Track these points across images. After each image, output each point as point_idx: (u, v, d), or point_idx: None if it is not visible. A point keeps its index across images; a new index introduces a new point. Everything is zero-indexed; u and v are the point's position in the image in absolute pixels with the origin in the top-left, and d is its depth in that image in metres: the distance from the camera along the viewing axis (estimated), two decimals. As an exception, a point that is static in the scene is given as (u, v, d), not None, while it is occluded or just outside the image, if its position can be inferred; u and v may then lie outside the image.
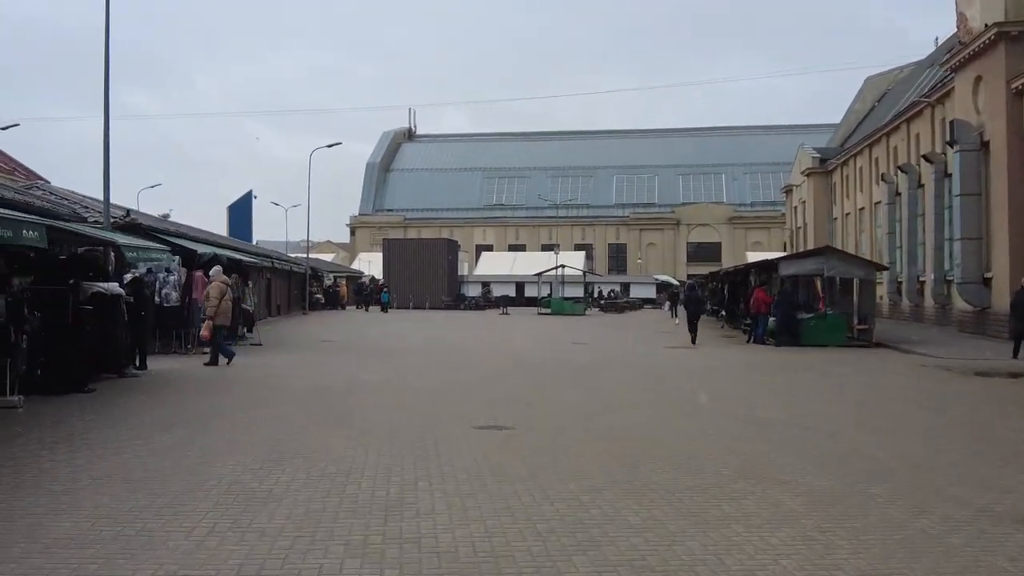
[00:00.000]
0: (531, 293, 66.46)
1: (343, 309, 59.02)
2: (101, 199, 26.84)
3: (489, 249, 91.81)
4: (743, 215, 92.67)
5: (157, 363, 18.72)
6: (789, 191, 69.87)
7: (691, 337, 27.77)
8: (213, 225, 66.28)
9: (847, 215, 54.36)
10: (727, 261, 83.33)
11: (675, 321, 40.52)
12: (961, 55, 31.67)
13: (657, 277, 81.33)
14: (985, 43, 29.25)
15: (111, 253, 16.54)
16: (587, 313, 53.87)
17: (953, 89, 34.61)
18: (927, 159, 36.94)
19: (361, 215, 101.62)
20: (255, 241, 75.45)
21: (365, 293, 61.81)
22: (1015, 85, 27.72)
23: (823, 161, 59.21)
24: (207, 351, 21.74)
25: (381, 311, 54.19)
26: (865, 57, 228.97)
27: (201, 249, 23.16)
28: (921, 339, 27.76)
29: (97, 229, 15.93)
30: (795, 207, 67.13)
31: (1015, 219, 27.80)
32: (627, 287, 76.55)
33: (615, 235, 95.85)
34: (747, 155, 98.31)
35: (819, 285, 28.42)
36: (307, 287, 52.50)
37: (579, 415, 11.92)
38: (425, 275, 63.66)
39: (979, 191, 30.29)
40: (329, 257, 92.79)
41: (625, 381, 16.52)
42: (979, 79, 30.71)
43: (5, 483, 7.67)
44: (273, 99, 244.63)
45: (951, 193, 35.13)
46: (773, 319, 26.78)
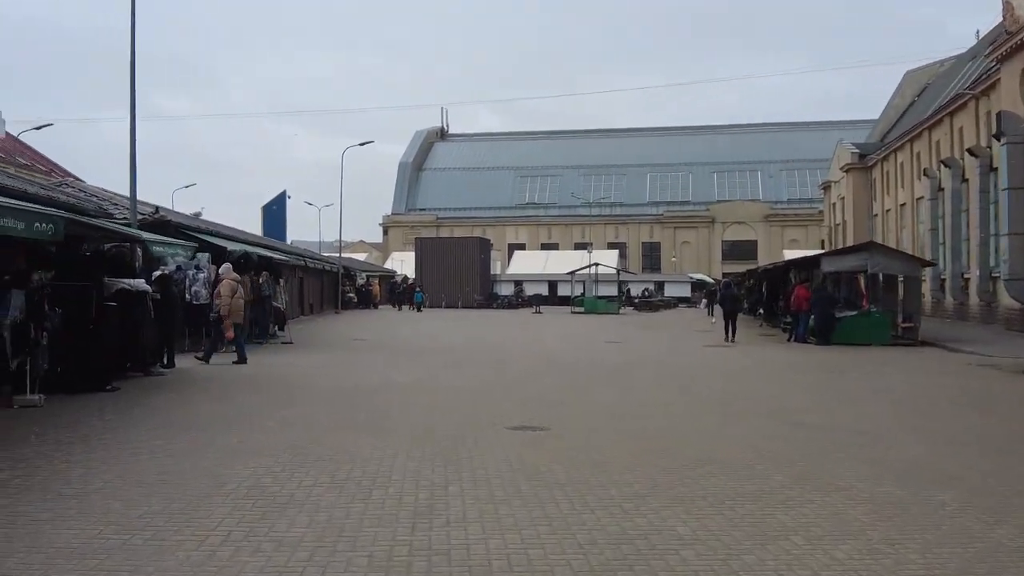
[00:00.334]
0: (564, 292, 65.95)
1: (376, 308, 58.76)
2: (141, 200, 26.76)
3: (521, 248, 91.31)
4: (779, 212, 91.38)
5: (186, 361, 18.42)
6: (827, 187, 68.76)
7: (728, 335, 27.95)
8: (248, 225, 66.55)
9: (887, 211, 53.27)
10: (763, 259, 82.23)
11: (712, 320, 39.77)
12: (1008, 45, 30.70)
13: (692, 276, 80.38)
14: (1034, 32, 28.32)
15: (138, 250, 16.22)
16: (621, 312, 53.18)
17: (999, 80, 33.60)
18: (971, 153, 35.95)
19: (394, 214, 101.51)
20: (290, 241, 75.62)
21: (398, 292, 61.47)
22: (1066, 74, 26.77)
23: (862, 157, 58.10)
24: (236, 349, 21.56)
25: (415, 310, 53.79)
26: (901, 52, 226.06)
27: (231, 247, 22.83)
28: (967, 337, 26.92)
29: (120, 225, 15.62)
30: (833, 204, 66.01)
31: (1066, 213, 26.87)
32: (661, 286, 75.67)
33: (649, 233, 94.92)
34: (783, 152, 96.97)
35: (862, 282, 27.60)
36: (339, 286, 52.28)
37: (615, 416, 11.38)
38: (457, 274, 63.25)
39: (1027, 184, 29.29)
40: (362, 256, 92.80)
41: (662, 381, 15.94)
42: (1027, 69, 29.77)
43: (14, 486, 7.29)
44: (305, 100, 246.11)
45: (997, 187, 34.17)
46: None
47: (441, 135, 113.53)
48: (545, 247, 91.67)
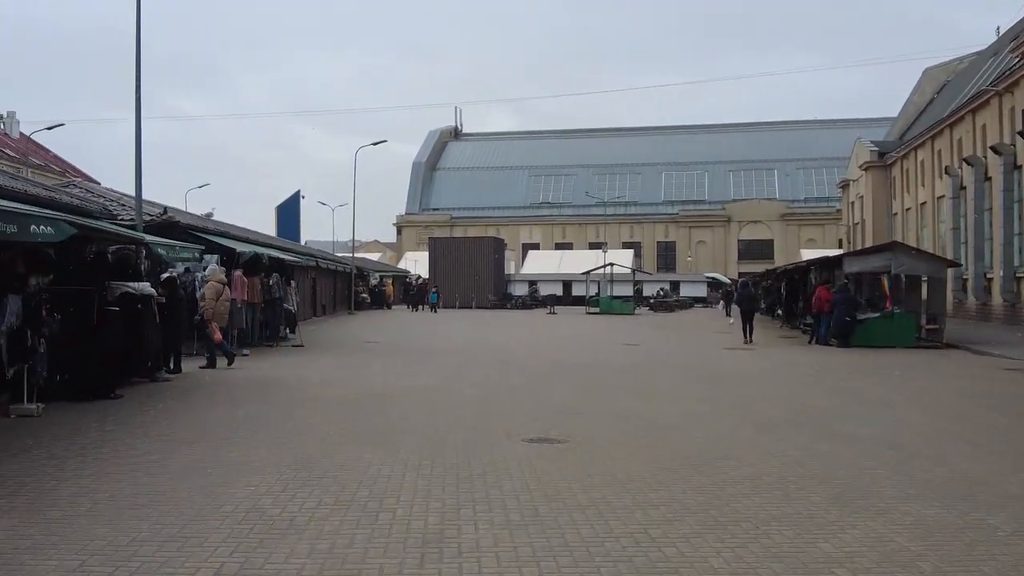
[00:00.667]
0: (578, 292, 65.40)
1: (389, 309, 58.33)
2: (144, 198, 26.33)
3: (535, 248, 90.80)
4: (796, 211, 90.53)
5: (194, 366, 17.98)
6: (845, 186, 67.95)
7: (746, 336, 27.70)
8: (262, 226, 66.28)
9: (908, 210, 52.49)
10: (779, 259, 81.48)
11: (729, 320, 39.15)
12: (1033, 40, 30.02)
13: (708, 275, 79.65)
14: (1062, 26, 27.60)
15: (143, 252, 15.78)
16: (636, 312, 52.57)
17: (1023, 77, 32.92)
18: (995, 150, 35.25)
19: (407, 214, 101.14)
20: (304, 241, 75.37)
21: (413, 292, 60.99)
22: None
23: (882, 155, 57.33)
24: (246, 353, 21.11)
25: (430, 311, 53.24)
26: (915, 50, 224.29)
27: (241, 248, 22.38)
28: (992, 339, 26.27)
29: (121, 226, 15.17)
30: (852, 203, 65.21)
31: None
32: (676, 286, 74.98)
33: (664, 233, 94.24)
34: (799, 150, 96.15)
35: (886, 283, 26.95)
36: (352, 287, 51.85)
37: (638, 427, 10.83)
38: (471, 274, 62.77)
39: (1054, 182, 28.64)
40: (376, 256, 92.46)
41: (684, 387, 15.36)
42: (1054, 64, 29.06)
43: (-3, 508, 6.81)
44: (320, 101, 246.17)
45: (1021, 185, 33.48)
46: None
47: (455, 135, 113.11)
48: (559, 247, 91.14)
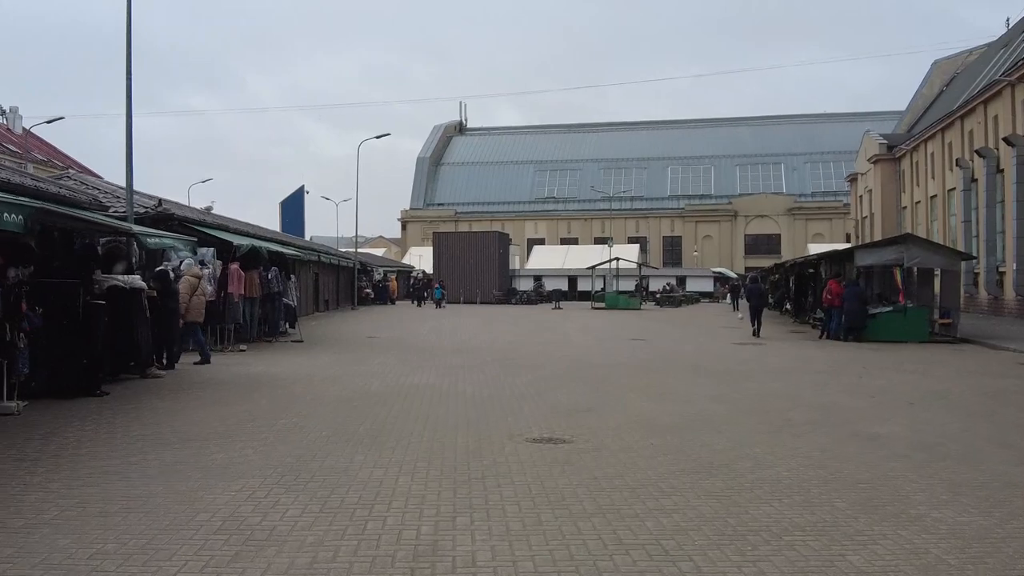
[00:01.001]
0: (584, 287, 64.80)
1: (393, 304, 57.78)
2: (144, 192, 25.92)
3: (541, 243, 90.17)
4: (803, 205, 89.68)
5: (189, 361, 17.47)
6: (854, 179, 67.23)
7: (754, 329, 27.50)
8: (267, 221, 66.08)
9: (917, 203, 51.79)
10: (787, 253, 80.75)
11: (738, 315, 38.55)
12: (1051, 28, 29.32)
13: (714, 270, 78.97)
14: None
15: (134, 244, 15.25)
16: (643, 308, 51.95)
17: (1039, 66, 32.27)
18: (1008, 142, 34.58)
19: (412, 209, 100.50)
20: (309, 237, 74.86)
21: (417, 288, 60.36)
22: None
23: (891, 148, 56.59)
24: (243, 348, 20.61)
25: (436, 306, 52.48)
26: (923, 43, 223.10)
27: (238, 240, 21.83)
28: (1007, 334, 25.66)
29: (109, 217, 14.63)
30: (860, 196, 64.49)
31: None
32: (683, 280, 74.32)
33: (670, 227, 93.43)
34: (807, 144, 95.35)
35: (898, 276, 26.34)
36: (356, 282, 51.28)
37: (647, 427, 10.27)
38: (476, 269, 62.17)
39: (1071, 173, 27.98)
40: (380, 252, 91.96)
41: (695, 384, 14.78)
42: (1071, 52, 28.38)
43: (-45, 516, 6.28)
44: (326, 98, 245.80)
45: (1037, 177, 32.85)
46: (849, 313, 25.00)
47: (460, 129, 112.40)
48: (564, 242, 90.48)
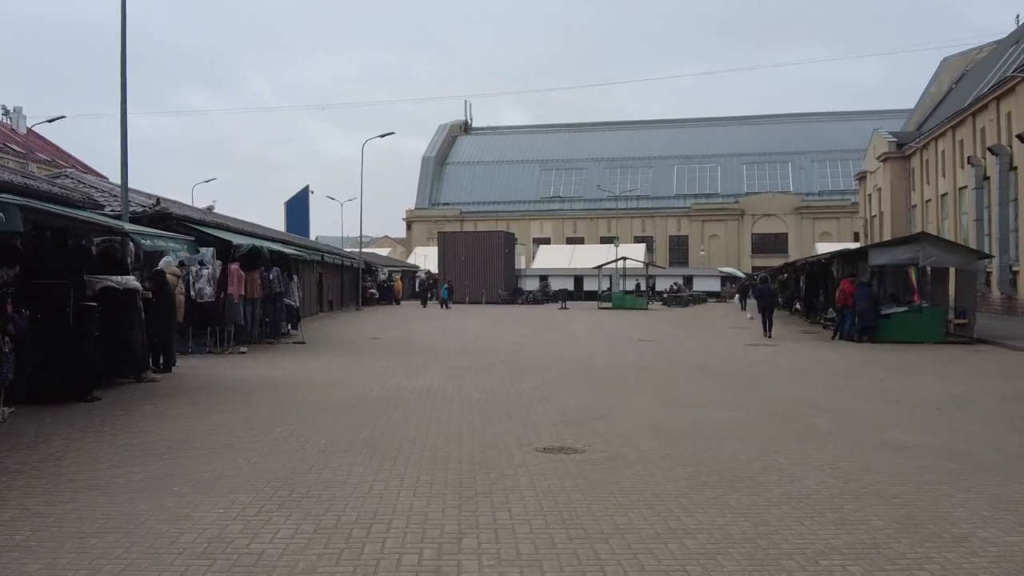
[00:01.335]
0: (590, 287, 64.28)
1: (398, 304, 57.29)
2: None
3: (546, 242, 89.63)
4: (811, 204, 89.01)
5: (187, 364, 17.03)
6: (862, 178, 66.60)
7: (765, 330, 27.15)
8: (272, 222, 65.65)
9: (927, 202, 51.18)
10: (794, 252, 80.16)
11: (747, 315, 37.97)
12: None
13: (722, 270, 78.35)
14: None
15: (129, 244, 14.76)
16: (650, 307, 51.40)
17: (1054, 61, 31.68)
18: (1021, 139, 33.99)
19: (417, 209, 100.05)
20: (314, 237, 74.48)
21: (423, 288, 59.76)
22: None
23: (900, 146, 55.96)
24: (244, 350, 20.14)
25: (442, 307, 51.66)
26: (929, 41, 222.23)
27: (238, 240, 21.35)
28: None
29: (103, 216, 14.15)
30: (869, 195, 63.85)
31: None
32: (690, 280, 73.75)
33: (676, 227, 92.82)
34: (814, 142, 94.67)
35: (913, 276, 25.79)
36: (360, 282, 50.79)
37: (662, 434, 9.75)
38: (481, 269, 61.64)
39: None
40: (385, 252, 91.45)
41: (709, 388, 14.24)
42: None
43: (-82, 538, 5.80)
44: (329, 98, 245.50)
45: (1052, 174, 32.29)
46: (864, 314, 24.49)
47: (465, 129, 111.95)
48: (570, 241, 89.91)
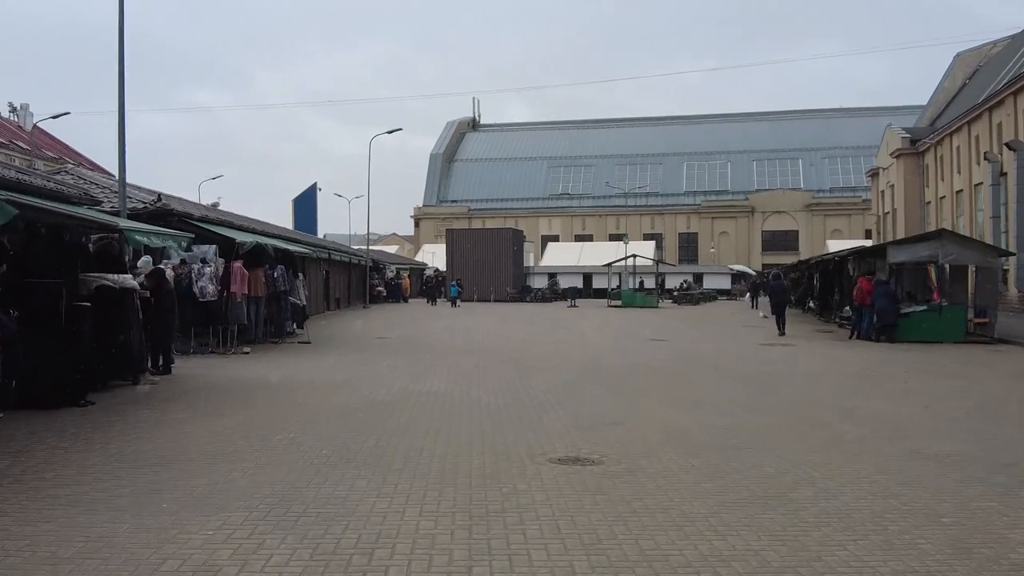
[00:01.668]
0: (599, 284, 63.67)
1: (406, 302, 56.79)
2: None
3: (555, 240, 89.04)
4: (822, 201, 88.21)
5: (188, 365, 16.55)
6: (875, 175, 65.83)
7: (779, 328, 26.87)
8: (280, 219, 65.12)
9: (942, 198, 50.46)
10: (804, 250, 79.47)
11: (759, 314, 37.37)
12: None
13: (732, 267, 77.67)
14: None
15: (126, 241, 14.26)
16: (660, 305, 50.80)
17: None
18: (1040, 134, 33.37)
19: (425, 206, 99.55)
20: (323, 234, 74.06)
21: (431, 286, 59.17)
22: None
23: (914, 142, 55.21)
24: (247, 350, 19.66)
25: (451, 305, 50.95)
26: (936, 38, 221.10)
27: (242, 237, 20.85)
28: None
29: (98, 211, 13.65)
30: (882, 191, 63.11)
31: None
32: (699, 277, 73.08)
33: (686, 224, 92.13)
34: (825, 139, 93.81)
35: (932, 273, 25.18)
36: (367, 280, 50.28)
37: (683, 442, 9.20)
38: (489, 266, 61.09)
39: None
40: (393, 249, 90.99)
41: (728, 391, 13.67)
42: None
43: None
44: (335, 96, 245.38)
45: (1072, 170, 31.62)
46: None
47: (473, 126, 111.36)
48: (579, 239, 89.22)
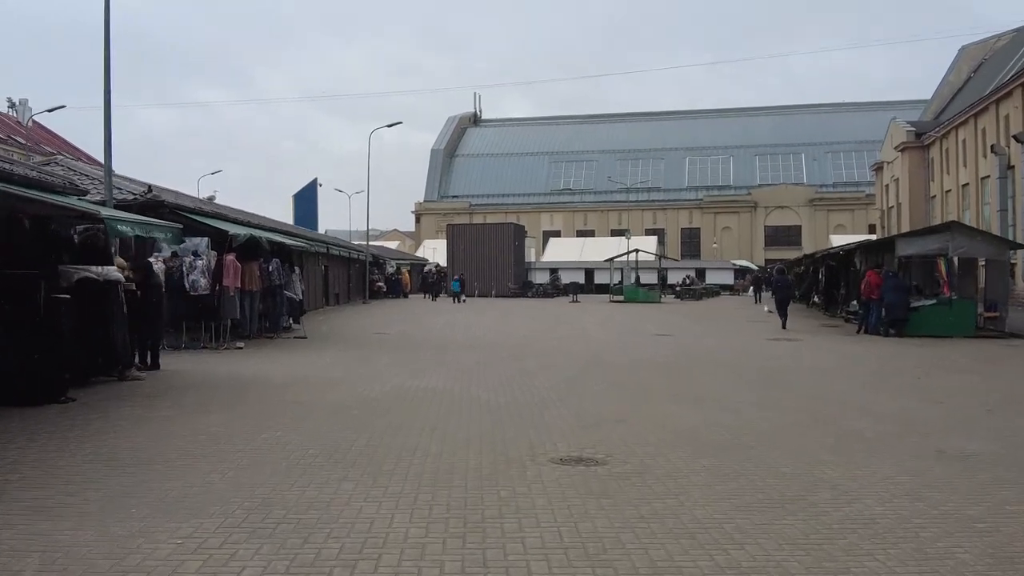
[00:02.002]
0: (601, 280, 63.13)
1: (406, 298, 56.29)
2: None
3: (556, 235, 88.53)
4: (825, 196, 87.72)
5: (179, 360, 16.05)
6: (879, 169, 65.31)
7: (782, 322, 26.83)
8: (281, 215, 64.59)
9: (948, 192, 49.96)
10: (807, 245, 78.99)
11: (764, 309, 36.87)
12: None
13: (735, 263, 77.15)
14: None
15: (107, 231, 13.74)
16: (662, 301, 50.28)
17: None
18: (1049, 126, 32.86)
19: (426, 202, 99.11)
20: (324, 230, 73.54)
21: (431, 281, 58.59)
22: None
23: (919, 135, 54.70)
24: (241, 345, 19.19)
25: (454, 301, 50.09)
26: (940, 32, 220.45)
27: (235, 230, 20.34)
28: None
29: (78, 200, 13.14)
30: (886, 185, 62.60)
31: None
32: (702, 273, 72.50)
33: (688, 219, 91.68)
34: (828, 134, 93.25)
35: (942, 267, 24.66)
36: (367, 275, 49.77)
37: (691, 441, 8.70)
38: (491, 261, 60.58)
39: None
40: (394, 245, 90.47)
41: (736, 388, 13.16)
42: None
43: None
44: (336, 92, 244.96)
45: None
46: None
47: (474, 121, 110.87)
48: (581, 234, 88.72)
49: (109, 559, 5.04)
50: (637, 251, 53.49)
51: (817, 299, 39.19)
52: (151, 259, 17.42)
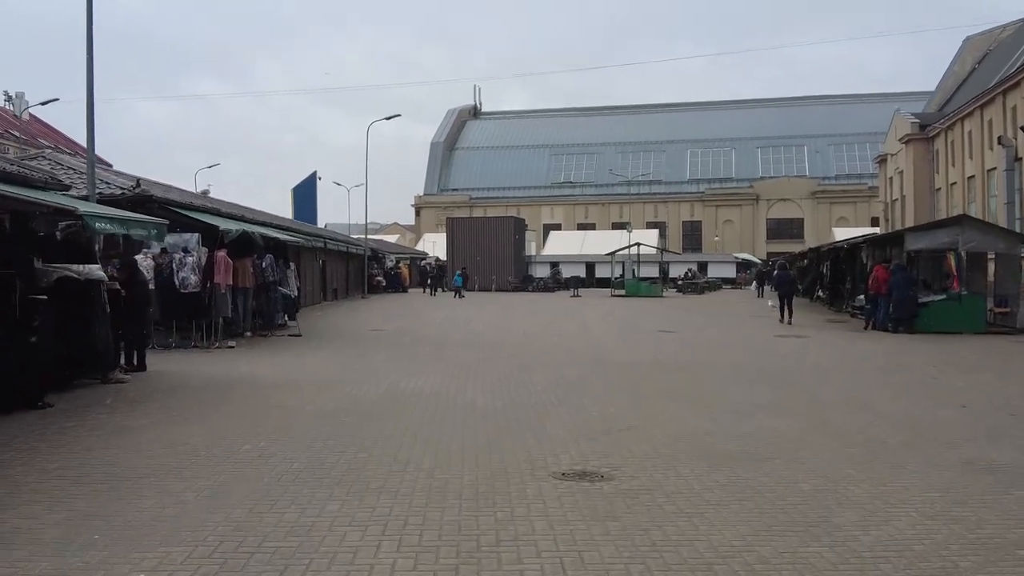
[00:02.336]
0: (602, 274, 62.57)
1: (405, 292, 55.74)
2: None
3: (557, 228, 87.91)
4: (827, 189, 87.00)
5: (167, 361, 15.53)
6: (883, 161, 64.62)
7: (785, 316, 26.56)
8: (280, 210, 64.07)
9: (953, 185, 49.30)
10: (810, 238, 78.35)
11: (768, 303, 36.32)
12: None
13: (738, 256, 76.57)
14: None
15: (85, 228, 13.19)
16: (664, 295, 49.74)
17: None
18: (1058, 117, 32.26)
19: (426, 195, 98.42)
20: (323, 224, 73.03)
21: (432, 275, 57.95)
22: None
23: (923, 127, 54.01)
24: (232, 344, 18.68)
25: (455, 295, 49.11)
26: (943, 23, 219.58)
27: (225, 225, 19.78)
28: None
29: (55, 195, 12.58)
30: (890, 178, 61.92)
31: None
32: (704, 266, 71.94)
33: (690, 212, 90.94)
34: (830, 126, 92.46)
35: (952, 261, 24.12)
36: (366, 270, 49.21)
37: (704, 452, 8.17)
38: (491, 255, 59.96)
39: None
40: (394, 238, 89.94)
41: (746, 389, 12.61)
42: None
43: None
44: (336, 86, 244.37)
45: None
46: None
47: (474, 113, 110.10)
48: (582, 227, 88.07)
49: (61, 598, 4.52)
50: (638, 244, 52.89)
51: (822, 293, 38.66)
52: (139, 256, 16.93)
